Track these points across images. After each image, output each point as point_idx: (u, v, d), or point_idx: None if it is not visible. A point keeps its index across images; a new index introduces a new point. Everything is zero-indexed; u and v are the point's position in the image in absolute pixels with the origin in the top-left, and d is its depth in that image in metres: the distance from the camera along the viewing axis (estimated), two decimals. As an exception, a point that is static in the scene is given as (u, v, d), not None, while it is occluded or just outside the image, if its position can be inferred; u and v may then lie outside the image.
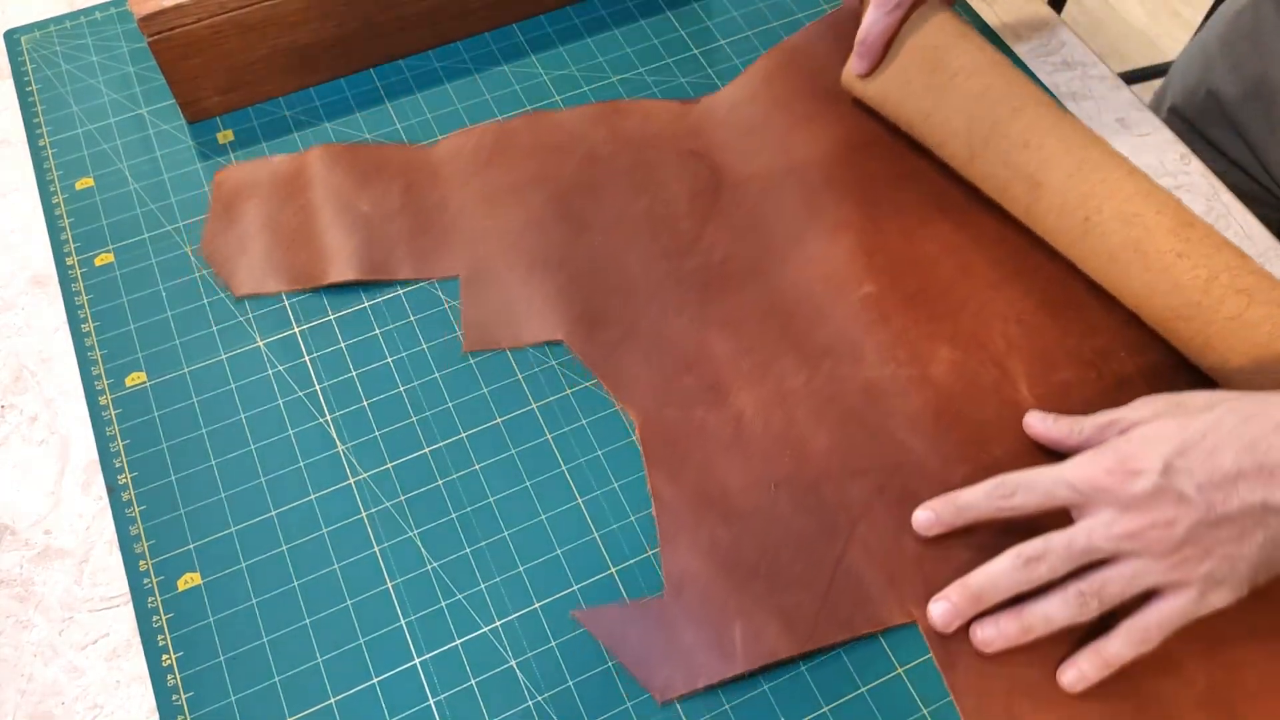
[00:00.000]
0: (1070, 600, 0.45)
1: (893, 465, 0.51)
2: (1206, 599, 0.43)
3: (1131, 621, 0.45)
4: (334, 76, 0.68)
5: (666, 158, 0.63)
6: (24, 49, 0.70)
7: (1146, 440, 0.44)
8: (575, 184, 0.62)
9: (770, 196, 0.61)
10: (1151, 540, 0.43)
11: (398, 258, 0.59)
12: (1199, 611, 0.44)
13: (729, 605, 0.48)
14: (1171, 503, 0.43)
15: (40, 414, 0.55)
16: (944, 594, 0.47)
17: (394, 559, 0.50)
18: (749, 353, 0.55)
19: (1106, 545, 0.44)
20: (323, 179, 0.62)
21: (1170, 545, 0.43)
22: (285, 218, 0.61)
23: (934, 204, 0.60)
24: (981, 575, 0.46)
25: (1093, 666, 0.45)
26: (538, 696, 0.47)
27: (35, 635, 0.49)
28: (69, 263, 0.60)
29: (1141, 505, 0.43)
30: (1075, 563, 0.45)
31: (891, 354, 0.55)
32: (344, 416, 0.54)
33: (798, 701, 0.46)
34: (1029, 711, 0.45)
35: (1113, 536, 0.44)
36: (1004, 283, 0.57)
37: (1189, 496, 0.43)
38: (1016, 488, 0.46)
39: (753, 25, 0.71)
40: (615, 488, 0.52)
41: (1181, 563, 0.43)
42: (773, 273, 0.58)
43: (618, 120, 0.65)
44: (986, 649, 0.46)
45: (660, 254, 0.59)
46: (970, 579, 0.46)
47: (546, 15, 0.71)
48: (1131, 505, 0.43)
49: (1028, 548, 0.45)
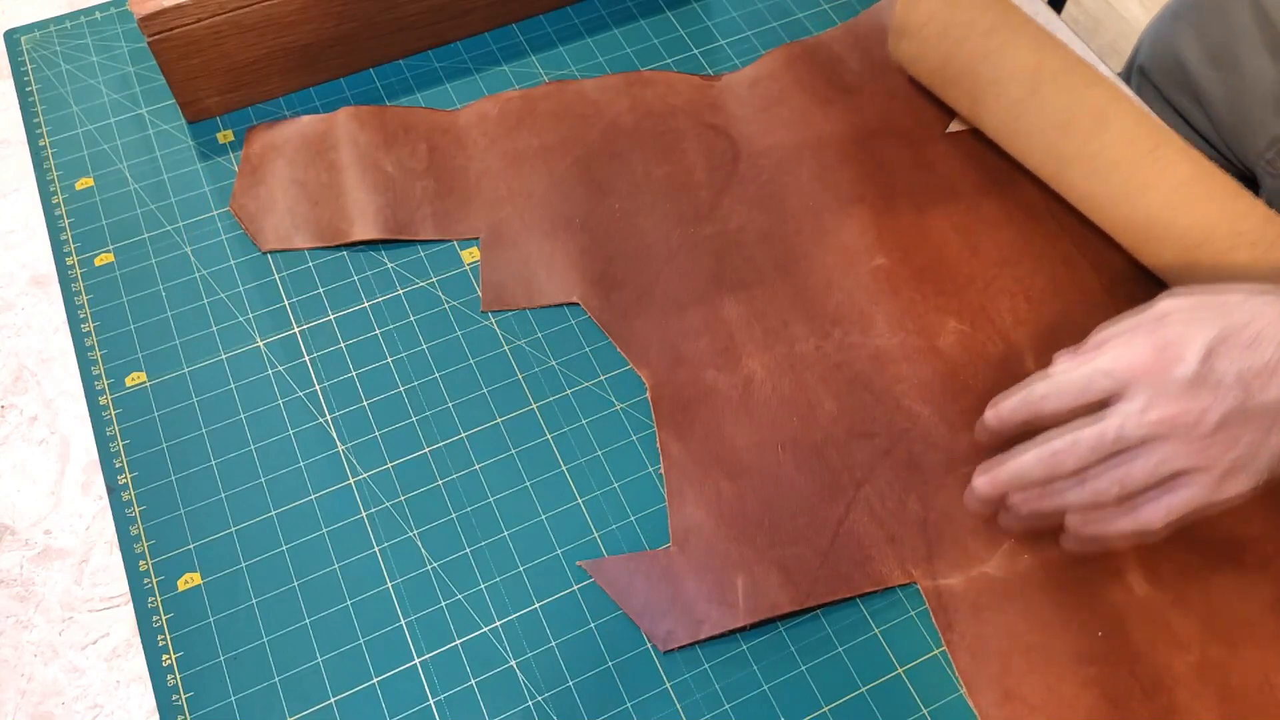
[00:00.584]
0: (1089, 484, 0.44)
1: (899, 430, 0.53)
2: (1223, 486, 0.43)
3: (1142, 501, 0.44)
4: (334, 76, 0.68)
5: (687, 129, 0.64)
6: (24, 49, 0.70)
7: (1188, 325, 0.43)
8: (598, 151, 0.63)
9: (787, 170, 0.62)
10: (1183, 427, 0.42)
11: (420, 218, 0.61)
12: (1213, 499, 0.43)
13: (732, 558, 0.49)
14: (1209, 390, 0.41)
15: (40, 414, 0.55)
16: (973, 483, 0.46)
17: (394, 559, 0.50)
18: (761, 318, 0.57)
19: (1137, 433, 0.43)
20: (350, 139, 0.63)
21: (1202, 432, 0.42)
22: (312, 176, 0.62)
23: (945, 187, 0.62)
24: (1009, 470, 0.45)
25: (1094, 533, 0.45)
26: (538, 696, 0.47)
27: (35, 635, 0.49)
28: (69, 263, 0.60)
29: (1179, 392, 0.42)
30: (1104, 454, 0.43)
31: (901, 324, 0.56)
32: (344, 416, 0.55)
33: (798, 701, 0.46)
34: (1024, 671, 0.46)
35: (1146, 424, 0.42)
36: (1011, 261, 0.59)
37: (1228, 384, 0.41)
38: (1050, 390, 0.45)
39: (753, 25, 0.71)
40: (615, 488, 0.52)
41: (1208, 448, 0.42)
42: (786, 242, 0.60)
43: (641, 91, 0.66)
44: (1005, 523, 0.47)
45: (678, 221, 0.61)
46: (999, 473, 0.46)
47: (546, 15, 0.71)
48: (1169, 391, 0.42)
49: (1057, 442, 0.44)
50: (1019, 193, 0.61)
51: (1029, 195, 0.61)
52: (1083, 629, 0.47)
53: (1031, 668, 0.46)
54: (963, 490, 0.51)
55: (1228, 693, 0.46)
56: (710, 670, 0.47)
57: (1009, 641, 0.47)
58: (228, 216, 0.62)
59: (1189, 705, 0.45)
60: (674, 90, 0.66)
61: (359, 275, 0.59)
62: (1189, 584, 0.48)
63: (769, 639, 0.48)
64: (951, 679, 0.47)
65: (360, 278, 0.59)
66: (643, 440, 0.54)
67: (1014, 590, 0.48)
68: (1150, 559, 0.49)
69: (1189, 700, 0.45)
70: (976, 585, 0.49)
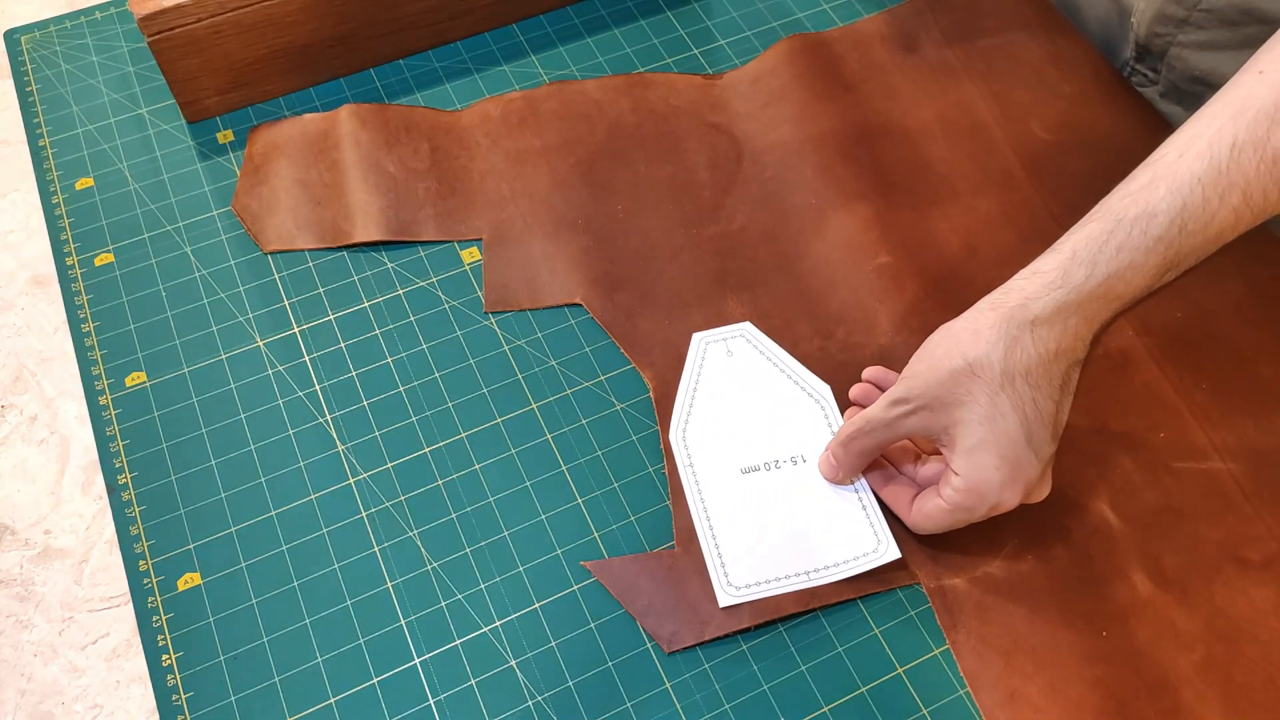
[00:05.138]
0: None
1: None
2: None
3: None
4: (334, 76, 0.68)
5: (690, 129, 0.64)
6: (24, 49, 0.70)
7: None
8: (600, 151, 0.63)
9: (789, 167, 0.62)
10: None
11: (423, 218, 0.61)
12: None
13: None
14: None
15: (40, 414, 0.55)
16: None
17: (394, 559, 0.50)
18: (765, 318, 0.57)
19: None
20: (352, 137, 0.63)
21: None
22: (315, 176, 0.62)
23: (944, 188, 0.61)
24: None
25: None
26: (538, 696, 0.47)
27: (35, 635, 0.49)
28: (69, 263, 0.60)
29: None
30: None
31: (905, 323, 0.56)
32: (344, 416, 0.54)
33: (798, 701, 0.46)
34: (1029, 671, 0.46)
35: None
36: (1010, 262, 0.58)
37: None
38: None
39: (752, 25, 0.71)
40: (615, 488, 0.52)
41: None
42: (789, 241, 0.60)
43: (643, 91, 0.66)
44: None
45: (681, 221, 0.61)
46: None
47: (546, 15, 0.71)
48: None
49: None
50: (1019, 193, 0.61)
51: (1029, 195, 0.61)
52: (1087, 629, 0.47)
53: (1036, 668, 0.46)
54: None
55: (1232, 691, 0.45)
56: (710, 670, 0.47)
57: (1013, 641, 0.47)
58: (228, 216, 0.62)
59: (1193, 704, 0.45)
60: (676, 91, 0.66)
61: (359, 275, 0.59)
62: (1192, 583, 0.48)
63: (769, 639, 0.48)
64: (951, 679, 0.47)
65: (360, 278, 0.59)
66: (643, 440, 0.53)
67: (1018, 590, 0.48)
68: (1153, 558, 0.49)
69: (1193, 699, 0.45)
70: (980, 585, 0.48)
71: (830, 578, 0.48)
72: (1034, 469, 0.44)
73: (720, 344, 0.55)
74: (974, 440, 0.44)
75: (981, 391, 0.43)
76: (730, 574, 0.48)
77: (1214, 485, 0.51)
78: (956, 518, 0.46)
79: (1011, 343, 0.43)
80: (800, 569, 0.48)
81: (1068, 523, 0.50)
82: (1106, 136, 0.63)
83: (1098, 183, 0.61)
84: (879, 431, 0.47)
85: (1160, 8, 0.61)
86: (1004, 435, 0.44)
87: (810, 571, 0.48)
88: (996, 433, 0.44)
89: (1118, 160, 0.62)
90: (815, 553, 0.49)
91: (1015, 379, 0.43)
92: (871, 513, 0.50)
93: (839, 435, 0.49)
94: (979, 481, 0.45)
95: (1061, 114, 0.64)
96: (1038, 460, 0.44)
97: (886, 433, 0.47)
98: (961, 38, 0.68)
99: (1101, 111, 0.65)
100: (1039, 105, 0.65)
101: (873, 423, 0.47)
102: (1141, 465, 0.51)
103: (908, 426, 0.46)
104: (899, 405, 0.46)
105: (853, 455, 0.49)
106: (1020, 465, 0.44)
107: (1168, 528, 0.50)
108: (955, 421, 0.44)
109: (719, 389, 0.54)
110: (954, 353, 0.44)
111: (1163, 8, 0.61)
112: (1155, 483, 0.51)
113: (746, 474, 0.51)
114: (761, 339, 0.55)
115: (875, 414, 0.47)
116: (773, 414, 0.53)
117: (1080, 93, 0.65)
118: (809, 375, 0.54)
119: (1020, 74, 0.66)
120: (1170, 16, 0.61)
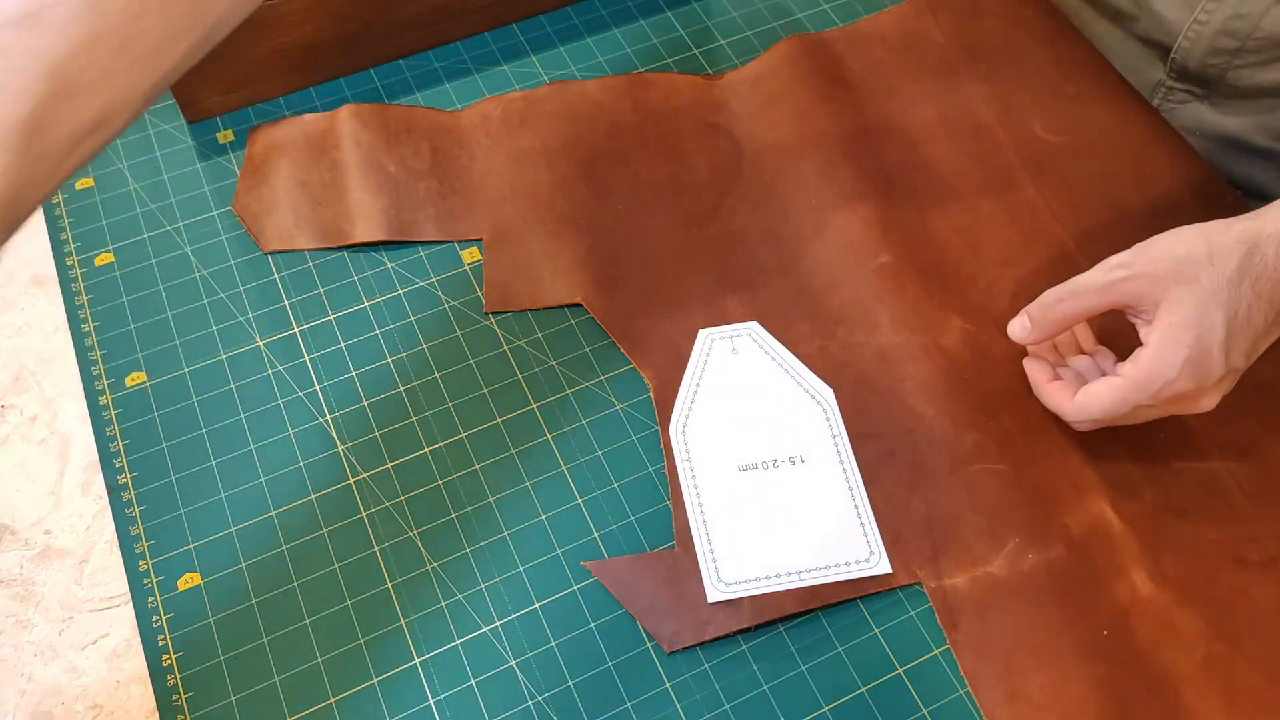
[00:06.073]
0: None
1: (903, 430, 0.53)
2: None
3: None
4: (334, 76, 0.68)
5: (690, 129, 0.64)
6: (24, 49, 0.70)
7: (1206, 332, 0.45)
8: (601, 151, 0.63)
9: (790, 167, 0.62)
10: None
11: (423, 218, 0.61)
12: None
13: None
14: (1230, 377, 0.46)
15: (40, 414, 0.55)
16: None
17: (394, 559, 0.50)
18: (766, 318, 0.57)
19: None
20: (352, 137, 0.63)
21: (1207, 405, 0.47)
22: (315, 176, 0.62)
23: (945, 188, 0.61)
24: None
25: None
26: (538, 696, 0.47)
27: (35, 635, 0.49)
28: (69, 263, 0.60)
29: (1210, 387, 0.46)
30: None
31: (905, 322, 0.56)
32: (344, 416, 0.54)
33: (798, 701, 0.46)
34: (1029, 670, 0.46)
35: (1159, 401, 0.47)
36: (1012, 261, 0.59)
37: (1238, 366, 0.46)
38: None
39: (752, 25, 0.71)
40: (615, 488, 0.52)
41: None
42: (790, 241, 0.60)
43: (643, 91, 0.66)
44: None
45: (682, 221, 0.60)
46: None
47: (546, 15, 0.71)
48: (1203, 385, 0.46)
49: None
50: (1021, 193, 0.61)
51: (1030, 196, 0.61)
52: (1087, 628, 0.47)
53: (1036, 667, 0.46)
54: (967, 490, 0.50)
55: (1233, 690, 0.45)
56: (710, 670, 0.47)
57: (1013, 641, 0.47)
58: (228, 216, 0.62)
59: (1194, 704, 0.45)
60: (676, 91, 0.66)
61: (359, 275, 0.59)
62: (1193, 582, 0.48)
63: (769, 639, 0.48)
64: (952, 679, 0.47)
65: (360, 278, 0.59)
66: (643, 440, 0.53)
67: (1018, 590, 0.48)
68: (1155, 557, 0.49)
69: (1194, 699, 0.45)
70: (981, 585, 0.48)
71: (821, 579, 0.48)
72: (1219, 369, 0.45)
73: (726, 341, 0.55)
74: (1179, 317, 0.44)
75: (1209, 277, 0.44)
76: (721, 569, 0.48)
77: (1214, 484, 0.51)
78: (1125, 396, 0.46)
79: (1253, 248, 0.44)
80: (791, 569, 0.48)
81: (1068, 522, 0.50)
82: (1109, 137, 0.63)
83: (1100, 183, 0.62)
84: (1088, 295, 0.47)
85: (1211, 42, 0.62)
86: (1210, 324, 0.44)
87: (801, 572, 0.48)
88: (1204, 318, 0.44)
89: (1120, 161, 0.63)
90: (808, 555, 0.49)
91: (1244, 280, 0.44)
92: (867, 522, 0.50)
93: (1040, 299, 0.49)
94: (1167, 355, 0.45)
95: (1064, 115, 0.64)
96: (1225, 365, 0.44)
97: (1095, 298, 0.47)
98: (962, 38, 0.68)
99: (1104, 112, 0.65)
100: (1041, 106, 0.65)
101: (1085, 285, 0.47)
102: (1141, 465, 0.51)
103: (1119, 293, 0.46)
104: (1120, 269, 0.46)
105: (1053, 318, 0.49)
106: (1210, 358, 0.44)
107: (1168, 527, 0.50)
108: (1169, 297, 0.45)
109: (722, 386, 0.54)
110: (1198, 235, 0.45)
111: (1214, 41, 0.61)
112: (1155, 482, 0.51)
113: (744, 471, 0.51)
114: (767, 339, 0.55)
115: (1089, 277, 0.47)
116: (774, 414, 0.53)
117: (1082, 94, 0.65)
118: (812, 377, 0.54)
119: (1022, 75, 0.66)
120: (1223, 49, 0.62)
